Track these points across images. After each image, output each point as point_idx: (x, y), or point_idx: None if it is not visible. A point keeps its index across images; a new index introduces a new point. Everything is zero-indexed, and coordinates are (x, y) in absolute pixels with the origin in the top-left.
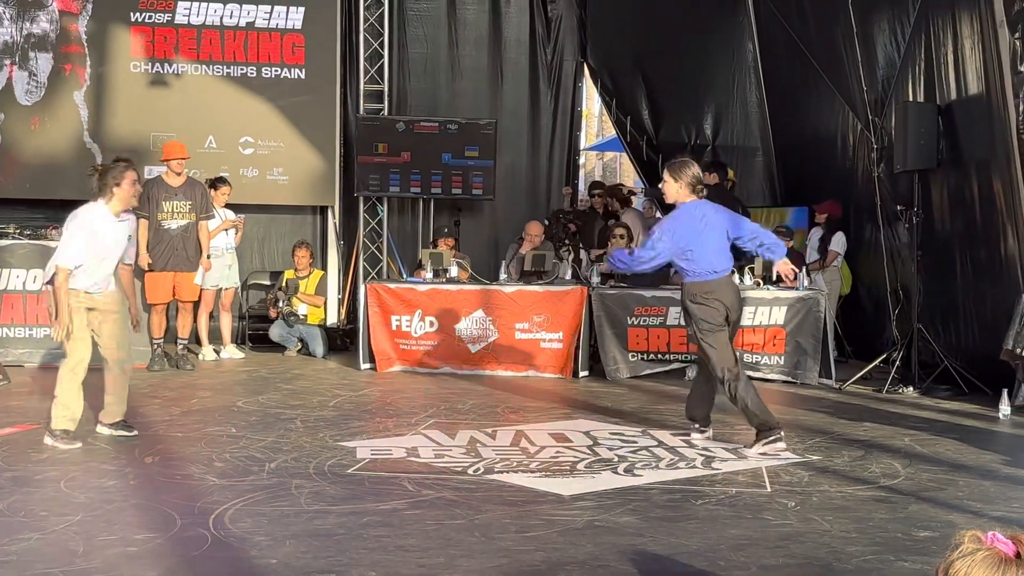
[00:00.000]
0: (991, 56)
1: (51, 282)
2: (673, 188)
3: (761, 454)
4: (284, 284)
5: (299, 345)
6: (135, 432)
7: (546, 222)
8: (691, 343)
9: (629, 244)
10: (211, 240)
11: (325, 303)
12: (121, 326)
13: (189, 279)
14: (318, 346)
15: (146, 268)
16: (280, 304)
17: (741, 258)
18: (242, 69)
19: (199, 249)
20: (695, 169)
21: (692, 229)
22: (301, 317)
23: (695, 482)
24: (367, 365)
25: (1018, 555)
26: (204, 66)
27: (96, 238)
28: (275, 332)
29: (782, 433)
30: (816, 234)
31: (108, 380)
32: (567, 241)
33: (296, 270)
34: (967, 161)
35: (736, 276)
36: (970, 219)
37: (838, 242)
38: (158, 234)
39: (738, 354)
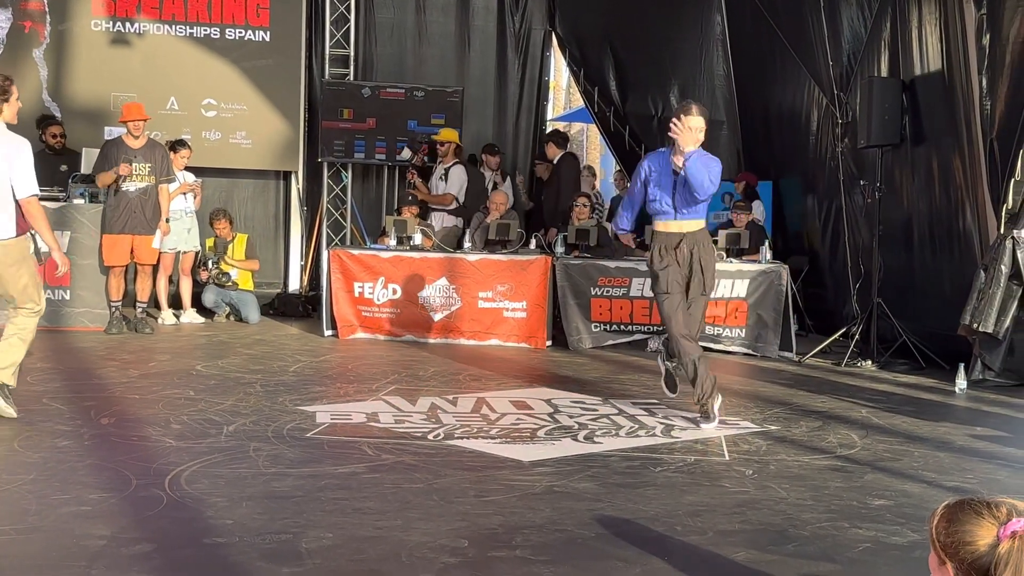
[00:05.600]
0: (955, 31)
1: None
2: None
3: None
4: (213, 245)
5: (227, 311)
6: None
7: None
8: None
9: (592, 213)
10: (169, 203)
11: (284, 270)
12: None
13: (147, 242)
14: (251, 312)
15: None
16: (211, 266)
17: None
18: (205, 30)
19: (158, 212)
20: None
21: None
22: (233, 279)
23: (654, 450)
24: (329, 332)
25: None
26: (167, 26)
27: None
28: (208, 298)
29: None
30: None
31: None
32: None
33: (218, 239)
34: (929, 136)
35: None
36: (930, 194)
37: (756, 210)
38: (117, 196)
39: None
